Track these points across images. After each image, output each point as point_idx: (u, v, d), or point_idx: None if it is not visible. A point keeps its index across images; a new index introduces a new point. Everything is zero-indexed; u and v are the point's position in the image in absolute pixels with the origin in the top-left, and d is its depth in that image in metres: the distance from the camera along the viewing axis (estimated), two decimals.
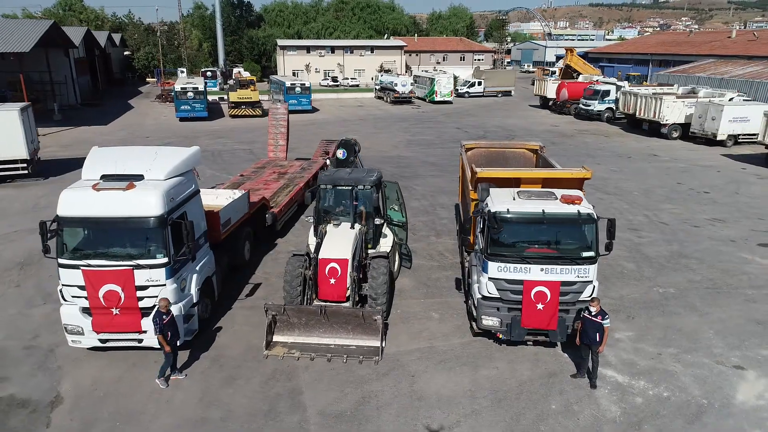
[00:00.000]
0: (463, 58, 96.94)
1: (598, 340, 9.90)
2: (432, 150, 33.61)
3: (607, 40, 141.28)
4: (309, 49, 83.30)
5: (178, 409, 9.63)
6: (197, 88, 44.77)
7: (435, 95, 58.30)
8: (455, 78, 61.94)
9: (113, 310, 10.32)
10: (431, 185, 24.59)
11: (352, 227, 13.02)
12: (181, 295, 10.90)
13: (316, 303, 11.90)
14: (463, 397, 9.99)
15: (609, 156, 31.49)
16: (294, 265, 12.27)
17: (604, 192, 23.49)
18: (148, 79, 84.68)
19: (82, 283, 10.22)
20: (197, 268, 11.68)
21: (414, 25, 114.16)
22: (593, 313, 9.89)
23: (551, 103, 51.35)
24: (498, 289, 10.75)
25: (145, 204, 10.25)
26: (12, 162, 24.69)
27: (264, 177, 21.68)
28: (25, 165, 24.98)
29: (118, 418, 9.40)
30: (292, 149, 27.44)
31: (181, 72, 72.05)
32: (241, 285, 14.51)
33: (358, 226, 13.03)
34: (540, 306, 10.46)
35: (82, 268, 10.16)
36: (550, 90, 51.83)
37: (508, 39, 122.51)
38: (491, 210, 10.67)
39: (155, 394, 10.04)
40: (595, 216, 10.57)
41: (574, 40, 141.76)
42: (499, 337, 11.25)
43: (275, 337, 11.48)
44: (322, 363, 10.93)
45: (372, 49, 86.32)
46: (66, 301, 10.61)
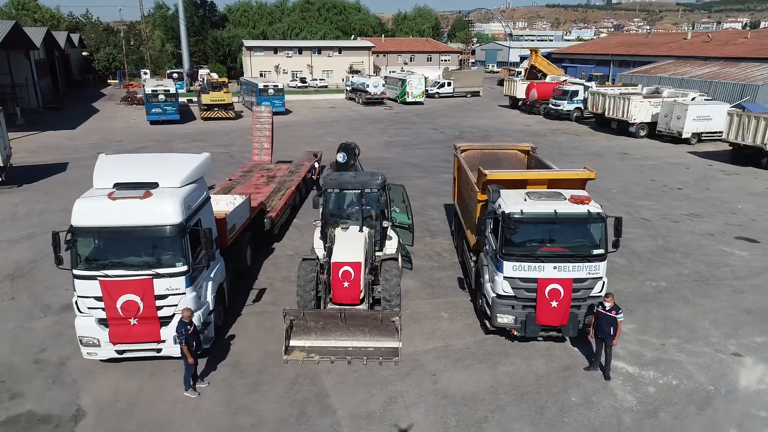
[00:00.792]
0: (430, 58, 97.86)
1: (612, 333, 10.36)
2: (412, 151, 33.93)
3: (566, 40, 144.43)
4: (276, 49, 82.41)
5: (207, 418, 9.58)
6: (168, 90, 43.77)
7: (406, 96, 58.66)
8: (425, 79, 62.52)
9: (131, 320, 10.17)
10: (417, 186, 24.84)
11: (361, 230, 13.15)
12: (199, 303, 10.83)
13: (330, 306, 12.00)
14: (486, 393, 10.29)
15: (582, 155, 32.44)
16: (306, 269, 12.33)
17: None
18: (109, 80, 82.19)
19: (99, 294, 10.03)
20: (211, 276, 11.62)
21: (380, 25, 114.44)
22: (607, 308, 10.35)
23: (521, 103, 52.44)
24: (513, 288, 11.10)
25: (163, 212, 10.14)
26: None
27: (253, 181, 21.52)
28: None
29: (146, 430, 9.30)
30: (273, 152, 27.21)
31: (145, 73, 70.06)
32: (246, 291, 14.46)
33: (366, 229, 13.17)
34: (554, 303, 10.85)
35: (99, 278, 9.97)
36: (520, 90, 52.95)
37: (474, 39, 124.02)
38: (505, 211, 11.00)
39: (179, 403, 9.95)
40: (604, 215, 11.06)
41: (534, 40, 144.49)
42: (513, 334, 11.62)
43: (292, 342, 11.50)
44: (343, 366, 11.04)
45: (340, 49, 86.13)
46: (81, 312, 10.38)
